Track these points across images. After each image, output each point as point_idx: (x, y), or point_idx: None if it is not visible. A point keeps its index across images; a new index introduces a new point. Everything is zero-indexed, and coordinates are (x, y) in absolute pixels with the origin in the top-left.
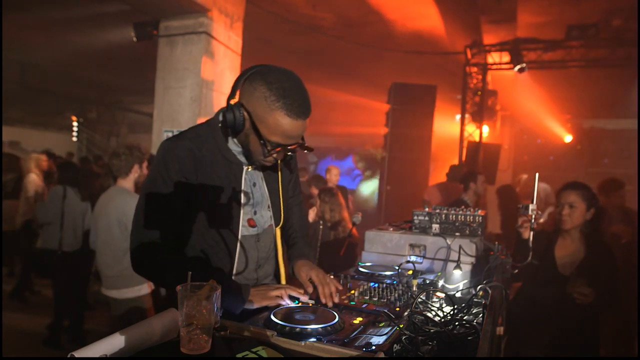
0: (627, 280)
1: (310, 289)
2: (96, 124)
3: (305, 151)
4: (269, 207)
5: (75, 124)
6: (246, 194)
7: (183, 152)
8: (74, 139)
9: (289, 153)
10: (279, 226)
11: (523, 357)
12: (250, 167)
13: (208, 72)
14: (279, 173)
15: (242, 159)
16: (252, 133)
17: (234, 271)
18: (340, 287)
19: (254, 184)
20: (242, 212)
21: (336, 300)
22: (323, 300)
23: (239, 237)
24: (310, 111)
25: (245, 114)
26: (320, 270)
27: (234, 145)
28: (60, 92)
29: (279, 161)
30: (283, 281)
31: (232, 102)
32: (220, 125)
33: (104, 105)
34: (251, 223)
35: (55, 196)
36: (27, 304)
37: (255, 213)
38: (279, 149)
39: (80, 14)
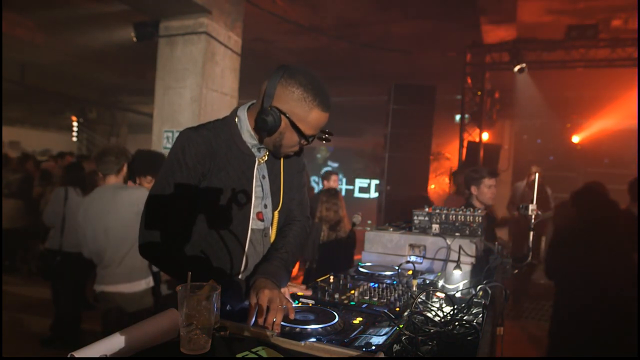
0: None
1: (251, 319)
2: (96, 124)
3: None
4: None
5: (75, 124)
6: (257, 186)
7: (200, 139)
8: (74, 139)
9: (324, 138)
10: (278, 210)
11: (526, 357)
12: (262, 159)
13: (208, 72)
14: (281, 164)
15: (255, 151)
16: (288, 131)
17: (242, 265)
18: (291, 316)
19: (263, 177)
20: (252, 205)
21: (277, 330)
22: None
23: (249, 230)
24: None
25: (282, 115)
26: (275, 293)
27: (249, 138)
28: (60, 92)
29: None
30: None
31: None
32: (255, 126)
33: (104, 105)
34: (260, 217)
35: (56, 198)
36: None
37: (265, 207)
38: (312, 139)
39: (80, 14)
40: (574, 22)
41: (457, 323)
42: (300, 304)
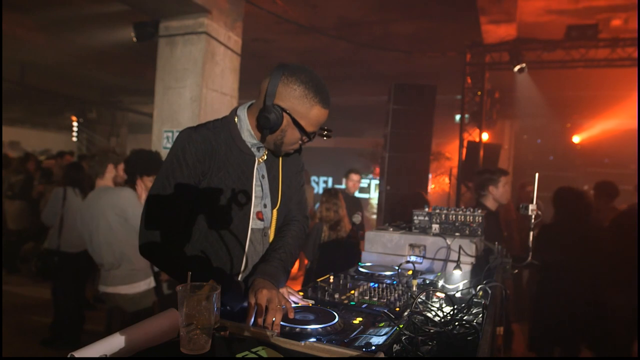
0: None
1: (250, 318)
2: (96, 124)
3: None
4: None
5: (75, 124)
6: (257, 186)
7: (200, 138)
8: (74, 139)
9: (324, 134)
10: (276, 208)
11: (522, 357)
12: (261, 159)
13: (208, 72)
14: (280, 163)
15: (255, 151)
16: (290, 128)
17: (242, 265)
18: (291, 316)
19: (263, 176)
20: (252, 204)
21: (277, 330)
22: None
23: (249, 229)
24: None
25: (284, 113)
26: (273, 293)
27: (249, 137)
28: (60, 92)
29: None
30: None
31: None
32: (257, 124)
33: (104, 105)
34: (259, 216)
35: (55, 198)
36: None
37: (265, 206)
38: (313, 136)
39: (80, 14)
40: (574, 22)
41: (457, 323)
42: (300, 304)
